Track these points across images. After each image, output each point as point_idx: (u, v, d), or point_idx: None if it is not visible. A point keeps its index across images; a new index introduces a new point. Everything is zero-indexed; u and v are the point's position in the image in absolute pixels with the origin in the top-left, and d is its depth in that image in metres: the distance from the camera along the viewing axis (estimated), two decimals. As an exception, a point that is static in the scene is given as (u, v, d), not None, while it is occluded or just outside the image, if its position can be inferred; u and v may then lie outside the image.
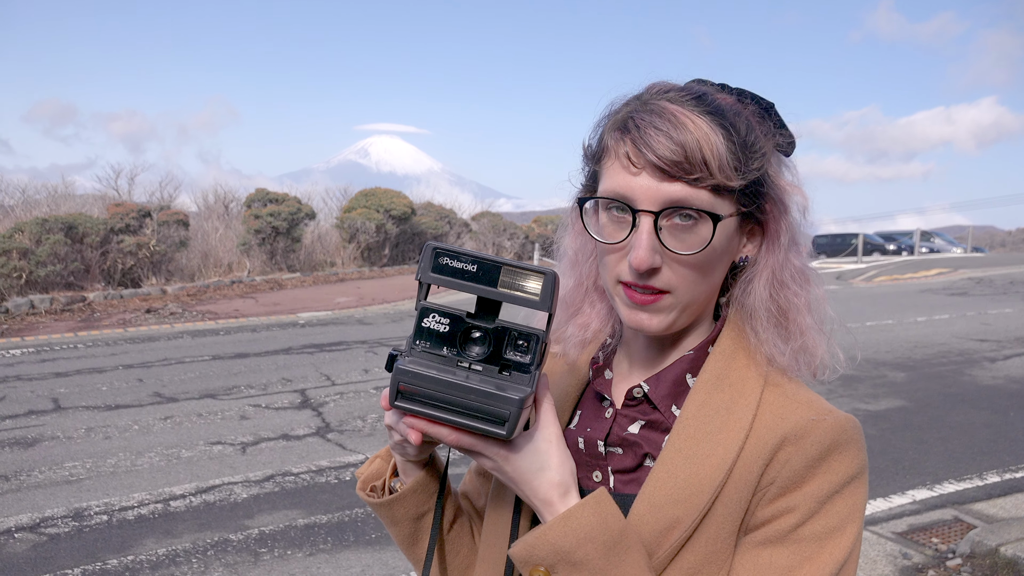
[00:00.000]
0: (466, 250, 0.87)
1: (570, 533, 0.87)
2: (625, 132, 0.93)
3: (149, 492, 5.21)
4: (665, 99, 0.94)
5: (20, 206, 18.69)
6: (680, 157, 0.89)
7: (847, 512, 0.91)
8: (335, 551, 4.39)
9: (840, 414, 0.94)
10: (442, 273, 0.87)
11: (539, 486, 0.90)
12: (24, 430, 6.51)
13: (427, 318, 0.89)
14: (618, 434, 1.02)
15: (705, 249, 0.93)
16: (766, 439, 0.92)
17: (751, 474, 0.91)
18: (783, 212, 1.00)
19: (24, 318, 12.57)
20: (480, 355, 0.88)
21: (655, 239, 0.92)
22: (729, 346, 1.01)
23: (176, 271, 16.85)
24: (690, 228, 0.92)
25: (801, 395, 0.97)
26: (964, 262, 24.68)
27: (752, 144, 0.95)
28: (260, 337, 10.86)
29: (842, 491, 0.91)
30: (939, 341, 10.45)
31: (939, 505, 5.04)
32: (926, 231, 34.86)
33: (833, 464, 0.91)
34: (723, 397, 0.96)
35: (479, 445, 0.88)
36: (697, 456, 0.93)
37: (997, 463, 5.81)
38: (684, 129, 0.90)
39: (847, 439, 0.92)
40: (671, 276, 0.94)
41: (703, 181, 0.90)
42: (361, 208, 20.30)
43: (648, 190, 0.91)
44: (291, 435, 6.42)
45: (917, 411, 7.13)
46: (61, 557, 4.30)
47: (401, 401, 0.85)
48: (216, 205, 22.14)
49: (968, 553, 4.28)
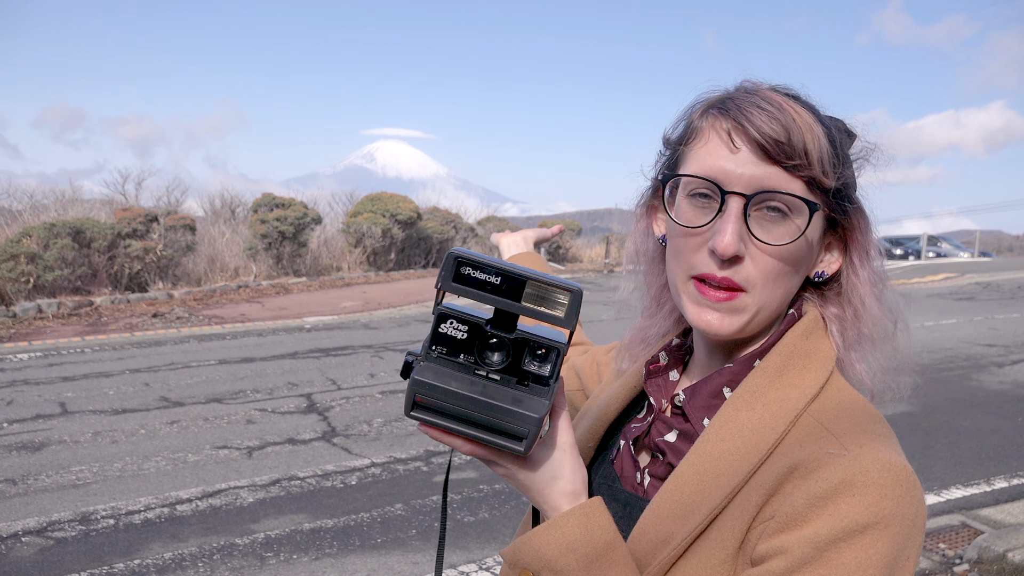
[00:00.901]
0: (490, 260, 0.84)
1: (552, 542, 0.86)
2: (725, 112, 0.90)
3: (156, 496, 5.22)
4: (764, 90, 0.92)
5: (28, 211, 18.78)
6: (783, 138, 0.86)
7: (855, 567, 0.77)
8: (341, 555, 4.39)
9: (871, 452, 0.82)
10: (464, 283, 0.83)
11: (550, 495, 0.88)
12: (31, 434, 6.54)
13: (445, 323, 0.85)
14: (655, 439, 1.00)
15: (795, 241, 0.89)
16: (776, 468, 0.85)
17: (750, 503, 0.85)
18: (870, 226, 0.96)
19: (32, 322, 12.61)
20: (498, 364, 0.85)
21: (743, 224, 0.88)
22: (776, 362, 0.93)
23: (183, 276, 16.90)
24: (779, 219, 0.89)
25: (840, 425, 0.87)
26: (971, 267, 24.60)
27: (845, 150, 0.93)
28: (266, 342, 10.88)
29: (850, 541, 0.78)
30: (946, 346, 10.41)
31: (946, 511, 5.02)
32: (933, 236, 34.74)
33: (840, 507, 0.79)
34: (752, 417, 0.90)
35: (493, 456, 0.86)
36: (707, 475, 0.89)
37: (1005, 468, 5.78)
38: (787, 113, 0.88)
39: (866, 480, 0.79)
40: (752, 270, 0.90)
41: (801, 170, 0.87)
42: (367, 213, 20.34)
43: (743, 173, 0.88)
44: (297, 439, 6.43)
45: (924, 416, 7.10)
46: (68, 561, 4.31)
47: (417, 412, 0.83)
48: (223, 210, 22.22)
49: (976, 559, 4.26)
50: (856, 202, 0.95)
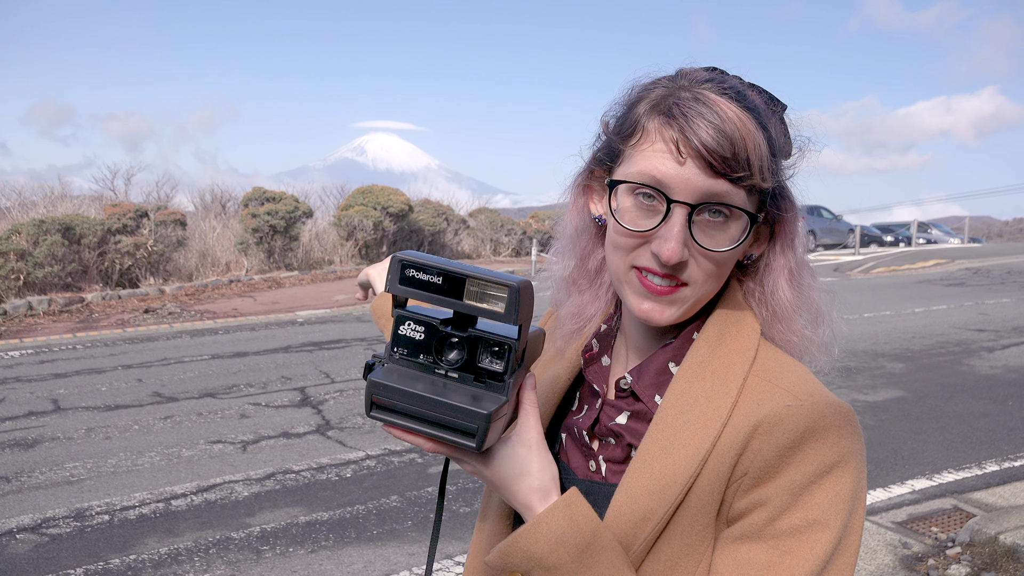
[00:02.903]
0: (432, 260, 0.86)
1: (541, 539, 0.87)
2: (671, 117, 0.90)
3: (150, 491, 5.21)
4: (706, 89, 0.92)
5: (17, 207, 18.67)
6: (728, 152, 0.88)
7: (828, 504, 0.86)
8: (337, 548, 4.40)
9: (822, 399, 0.89)
10: (409, 285, 0.86)
11: (519, 491, 0.90)
12: (24, 431, 6.52)
13: (403, 325, 0.88)
14: (606, 424, 1.02)
15: (734, 249, 0.93)
16: (740, 427, 0.89)
17: (723, 465, 0.89)
18: (797, 214, 1.00)
19: (22, 320, 12.55)
20: (455, 363, 0.87)
21: (687, 232, 0.91)
22: (715, 332, 0.98)
23: (174, 271, 16.83)
24: (720, 225, 0.91)
25: (785, 379, 0.93)
26: (961, 253, 24.71)
27: (781, 147, 0.96)
28: (259, 336, 10.86)
29: (820, 481, 0.86)
30: (937, 332, 10.47)
31: (938, 494, 5.06)
32: (923, 222, 34.87)
33: (808, 453, 0.86)
34: (703, 385, 0.94)
35: (457, 452, 0.88)
36: (673, 447, 0.91)
37: (996, 452, 5.83)
38: (730, 123, 0.88)
39: (825, 425, 0.87)
40: (694, 271, 0.93)
41: (744, 180, 0.89)
42: (358, 206, 20.28)
43: (688, 181, 0.89)
44: (291, 433, 6.43)
45: (916, 401, 7.14)
46: (63, 557, 4.31)
47: (376, 412, 0.85)
48: (213, 204, 22.13)
49: (967, 541, 4.30)
50: (787, 195, 0.99)
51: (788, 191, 0.99)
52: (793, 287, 0.99)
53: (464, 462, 0.90)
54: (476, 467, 0.90)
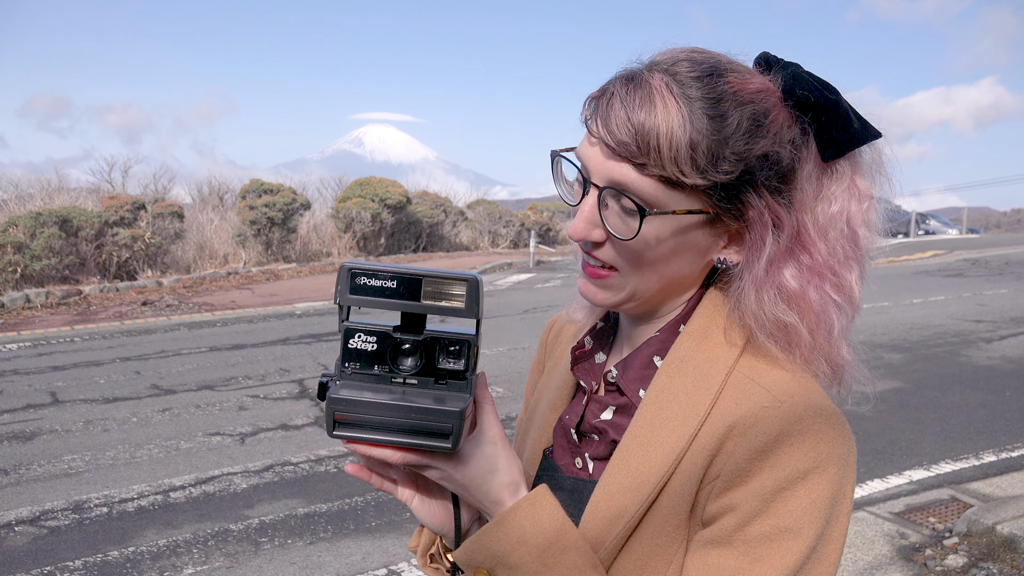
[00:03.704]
0: (382, 266, 0.84)
1: (503, 537, 0.86)
2: (597, 100, 0.90)
3: (149, 484, 5.22)
4: (661, 71, 0.87)
5: (14, 200, 18.62)
6: (629, 138, 0.84)
7: (801, 511, 0.82)
8: (335, 539, 4.41)
9: (802, 400, 0.85)
10: (361, 293, 0.84)
11: (490, 489, 0.88)
12: (22, 424, 6.51)
13: (353, 339, 0.86)
14: (590, 421, 1.00)
15: (635, 239, 0.87)
16: (716, 428, 0.86)
17: (696, 466, 0.86)
18: (765, 227, 0.89)
19: (20, 312, 12.54)
20: (412, 368, 0.85)
21: (596, 213, 0.90)
22: (700, 326, 0.94)
23: (172, 263, 16.81)
24: (632, 213, 0.88)
25: (767, 378, 0.88)
26: (959, 243, 24.72)
27: (734, 144, 0.85)
28: (257, 328, 10.85)
29: (794, 488, 0.82)
30: (935, 322, 10.48)
31: (936, 485, 5.07)
32: (921, 213, 34.87)
33: (782, 457, 0.82)
34: (684, 381, 0.90)
35: (425, 459, 0.85)
36: (651, 443, 0.89)
37: (993, 442, 5.84)
38: (650, 110, 0.84)
39: (802, 429, 0.83)
40: (612, 254, 0.91)
41: (649, 168, 0.85)
42: (356, 198, 20.25)
43: (597, 164, 0.89)
44: (290, 425, 6.43)
45: (913, 392, 7.15)
46: (62, 550, 4.31)
47: (340, 430, 0.82)
48: (211, 197, 22.08)
49: (965, 532, 4.31)
50: (761, 200, 0.88)
51: (767, 198, 0.88)
52: (759, 303, 0.90)
53: (432, 468, 0.87)
54: (446, 471, 0.87)
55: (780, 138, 0.87)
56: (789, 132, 0.88)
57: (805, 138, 0.90)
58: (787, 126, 0.88)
